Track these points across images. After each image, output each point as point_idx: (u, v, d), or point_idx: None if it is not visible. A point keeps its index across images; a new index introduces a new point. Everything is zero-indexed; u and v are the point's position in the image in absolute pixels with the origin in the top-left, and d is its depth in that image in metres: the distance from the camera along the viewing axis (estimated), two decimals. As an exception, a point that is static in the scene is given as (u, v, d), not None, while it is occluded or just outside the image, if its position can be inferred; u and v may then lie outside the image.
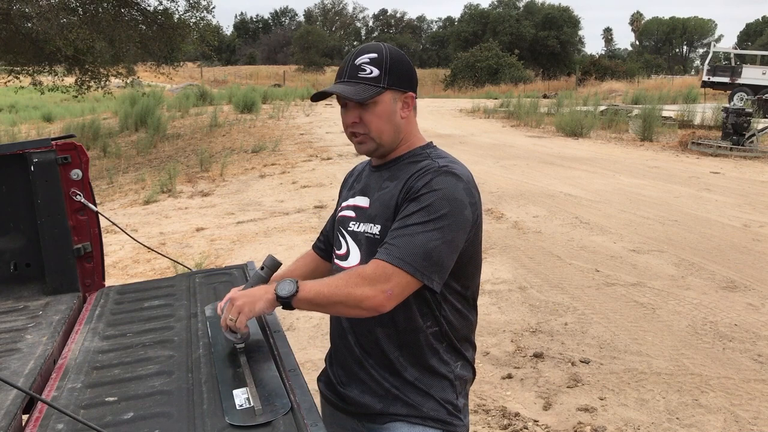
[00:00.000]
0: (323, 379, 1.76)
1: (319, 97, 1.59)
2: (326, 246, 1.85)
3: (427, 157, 1.58)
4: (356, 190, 1.68)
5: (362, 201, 1.64)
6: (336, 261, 1.68)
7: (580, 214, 7.50)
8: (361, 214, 1.62)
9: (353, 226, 1.63)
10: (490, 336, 4.36)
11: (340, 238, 1.67)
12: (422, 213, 1.45)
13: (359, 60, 1.54)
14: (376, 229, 1.56)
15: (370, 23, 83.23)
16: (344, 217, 1.67)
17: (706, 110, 17.64)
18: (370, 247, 1.56)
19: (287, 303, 1.45)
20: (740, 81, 25.39)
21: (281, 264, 1.63)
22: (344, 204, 1.70)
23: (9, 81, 16.80)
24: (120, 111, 19.42)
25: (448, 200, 1.46)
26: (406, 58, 1.60)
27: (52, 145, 2.12)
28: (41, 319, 1.89)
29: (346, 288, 1.43)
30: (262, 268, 1.62)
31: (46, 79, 17.21)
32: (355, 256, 1.61)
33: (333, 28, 76.18)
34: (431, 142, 1.66)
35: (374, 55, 1.55)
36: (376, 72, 1.53)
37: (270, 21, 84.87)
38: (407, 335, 1.56)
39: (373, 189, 1.63)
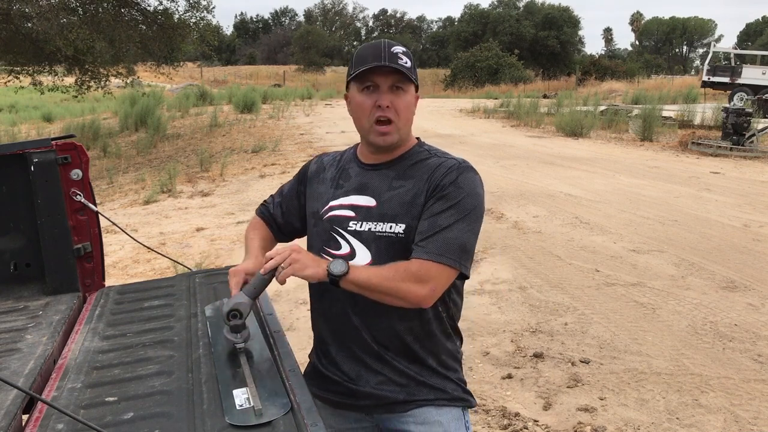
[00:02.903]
0: (315, 381, 1.72)
1: (360, 75, 1.57)
2: (282, 226, 1.83)
3: (429, 153, 1.66)
4: (348, 189, 1.68)
5: (362, 200, 1.64)
6: None
7: (580, 214, 7.50)
8: (366, 213, 1.62)
9: (354, 226, 1.63)
10: (490, 336, 4.36)
11: (338, 239, 1.65)
12: (452, 210, 1.54)
13: (394, 49, 1.58)
14: (398, 228, 1.58)
15: (370, 23, 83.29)
16: (340, 217, 1.65)
17: (706, 110, 17.63)
18: (390, 247, 1.59)
19: (335, 281, 1.50)
20: (740, 81, 25.39)
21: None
22: (335, 203, 1.68)
23: (9, 81, 16.78)
24: (120, 111, 19.41)
25: (473, 196, 1.57)
26: None
27: (52, 145, 2.12)
28: (41, 319, 1.89)
29: (396, 282, 1.51)
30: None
31: (46, 79, 17.19)
32: (364, 255, 1.61)
33: (333, 28, 76.18)
34: (419, 138, 1.74)
35: (404, 49, 1.61)
36: (409, 63, 1.59)
37: (270, 21, 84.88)
38: (427, 325, 1.64)
39: (378, 188, 1.64)
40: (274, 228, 1.85)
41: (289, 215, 1.82)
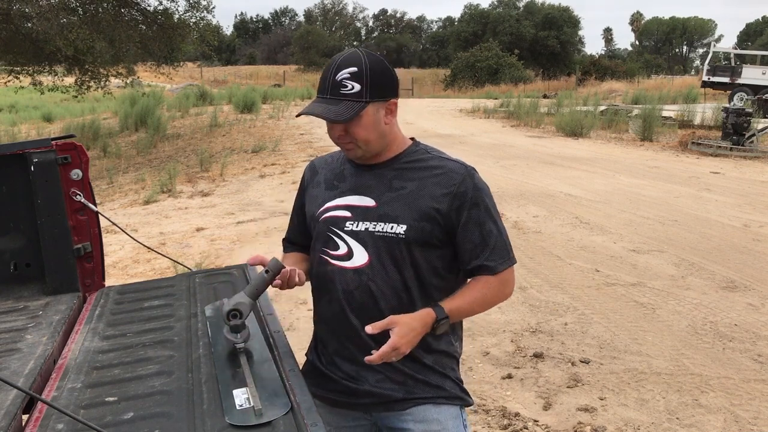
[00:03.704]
0: (313, 380, 1.73)
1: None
2: (303, 249, 1.83)
3: (426, 152, 1.68)
4: (343, 190, 1.69)
5: (360, 200, 1.65)
6: (333, 261, 1.66)
7: (580, 214, 7.50)
8: (363, 214, 1.63)
9: (351, 226, 1.64)
10: (490, 336, 4.36)
11: (335, 239, 1.66)
12: (488, 215, 1.65)
13: (340, 76, 1.54)
14: (400, 228, 1.60)
15: (370, 23, 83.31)
16: (337, 218, 1.67)
17: (706, 110, 17.63)
18: (390, 247, 1.60)
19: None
20: (740, 81, 25.39)
21: (285, 268, 1.61)
22: (330, 204, 1.69)
23: (9, 81, 16.78)
24: (120, 111, 19.41)
25: (489, 195, 1.68)
26: (385, 65, 1.59)
27: (52, 145, 2.12)
28: (41, 319, 1.89)
29: (490, 302, 1.71)
30: (267, 271, 1.60)
31: (46, 79, 17.19)
32: (361, 255, 1.62)
33: (333, 28, 76.14)
34: (414, 138, 1.75)
35: (354, 69, 1.54)
36: (357, 87, 1.54)
37: (270, 21, 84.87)
38: None
39: (376, 189, 1.64)
40: (302, 246, 1.85)
41: (308, 232, 1.81)
